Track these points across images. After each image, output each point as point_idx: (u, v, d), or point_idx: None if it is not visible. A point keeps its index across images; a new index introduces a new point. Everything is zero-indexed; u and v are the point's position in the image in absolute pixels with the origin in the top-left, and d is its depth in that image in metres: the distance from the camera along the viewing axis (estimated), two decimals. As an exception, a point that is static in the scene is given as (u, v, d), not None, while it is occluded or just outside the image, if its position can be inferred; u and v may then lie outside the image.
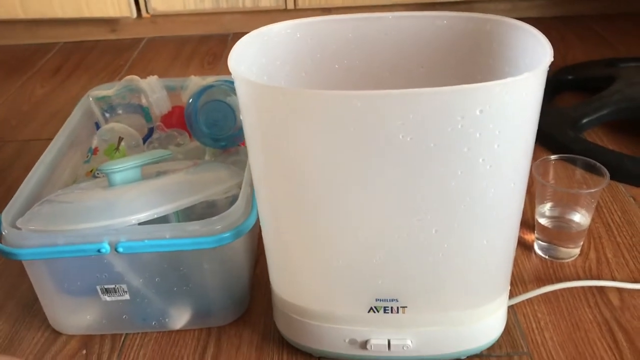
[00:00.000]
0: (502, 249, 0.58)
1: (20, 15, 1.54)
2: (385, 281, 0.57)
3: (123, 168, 0.66)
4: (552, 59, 0.49)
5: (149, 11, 1.57)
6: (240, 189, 0.67)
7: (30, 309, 0.74)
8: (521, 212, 0.58)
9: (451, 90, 0.45)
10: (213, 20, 1.61)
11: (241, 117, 0.53)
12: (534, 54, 0.53)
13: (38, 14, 1.55)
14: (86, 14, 1.55)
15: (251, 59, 0.57)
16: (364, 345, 0.62)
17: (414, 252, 0.55)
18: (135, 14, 1.57)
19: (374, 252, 0.55)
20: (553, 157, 0.78)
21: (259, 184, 0.56)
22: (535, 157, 0.79)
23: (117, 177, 0.66)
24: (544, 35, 0.53)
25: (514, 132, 0.50)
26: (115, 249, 0.61)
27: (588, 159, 0.77)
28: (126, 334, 0.70)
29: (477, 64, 0.62)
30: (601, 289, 0.74)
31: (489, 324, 0.63)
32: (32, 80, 1.44)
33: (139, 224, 0.62)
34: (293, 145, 0.50)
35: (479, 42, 0.61)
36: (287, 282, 0.62)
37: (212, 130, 0.81)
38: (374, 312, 0.59)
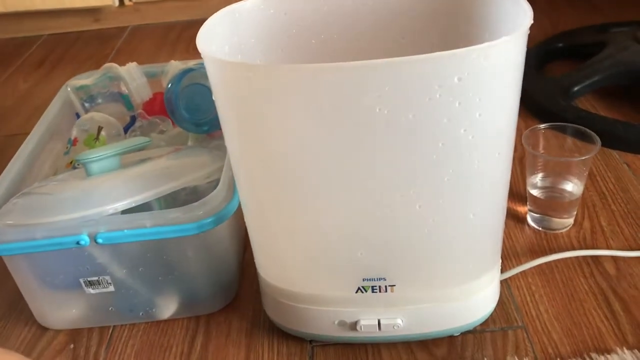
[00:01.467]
0: (490, 221, 0.57)
1: (1, 9, 1.52)
2: (372, 260, 0.55)
3: (100, 157, 0.64)
4: (531, 21, 0.47)
5: (131, -1, 1.55)
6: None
7: (17, 305, 0.73)
8: (508, 183, 0.56)
9: (426, 59, 0.43)
10: (198, 5, 1.58)
11: (213, 98, 0.51)
12: (516, 18, 0.51)
13: (19, 7, 1.52)
14: (68, 4, 1.52)
15: (222, 38, 0.55)
16: (353, 326, 0.60)
17: (398, 228, 0.53)
18: (117, 2, 1.55)
19: (358, 230, 0.54)
20: (542, 126, 0.76)
21: (237, 166, 0.55)
22: (527, 127, 0.78)
23: (95, 167, 0.64)
24: (524, -1, 0.51)
25: (496, 99, 0.48)
26: (94, 240, 0.60)
27: (578, 127, 0.75)
28: (114, 326, 0.69)
29: (459, 32, 0.60)
30: (596, 258, 0.73)
31: (481, 298, 0.62)
32: (15, 74, 1.42)
33: (122, 212, 0.61)
34: (266, 124, 0.49)
35: (459, 9, 0.59)
36: (273, 265, 0.61)
37: (193, 115, 0.79)
38: (362, 292, 0.58)
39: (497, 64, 0.45)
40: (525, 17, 0.48)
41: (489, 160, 0.51)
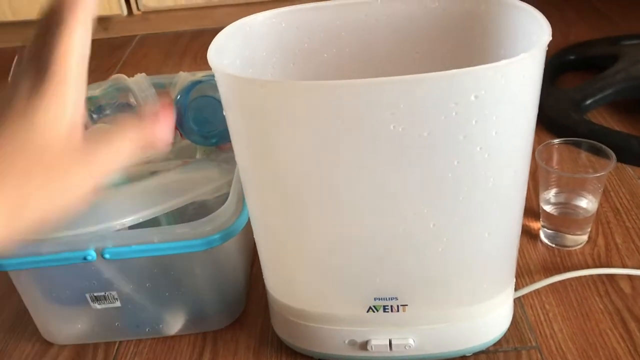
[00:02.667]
0: (505, 240, 0.55)
1: (9, 17, 1.52)
2: (383, 279, 0.54)
3: (107, 171, 0.63)
4: (550, 38, 0.46)
5: (140, 8, 1.54)
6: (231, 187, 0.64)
7: (21, 320, 0.72)
8: (524, 201, 0.55)
9: (442, 76, 0.42)
10: (205, 14, 1.58)
11: (224, 113, 0.50)
12: (532, 33, 0.50)
13: (27, 16, 1.52)
14: (76, 13, 1.52)
15: (234, 51, 0.55)
16: (364, 346, 0.59)
17: (411, 247, 0.52)
18: (126, 11, 1.54)
19: (370, 248, 0.53)
20: (556, 141, 0.75)
21: (247, 183, 0.54)
22: (538, 142, 0.76)
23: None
24: (541, 14, 0.50)
25: (513, 117, 0.47)
26: (101, 255, 0.59)
27: (593, 142, 0.74)
28: (120, 341, 0.68)
29: (474, 47, 0.58)
30: (611, 276, 0.71)
31: (494, 318, 0.60)
32: (23, 83, 1.41)
33: (129, 227, 0.60)
34: (278, 141, 0.48)
35: (474, 24, 0.58)
36: (282, 283, 0.59)
37: (202, 127, 0.78)
38: (373, 311, 0.57)
39: (515, 81, 0.44)
40: (542, 33, 0.47)
41: (505, 178, 0.50)
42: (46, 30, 0.35)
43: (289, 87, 0.45)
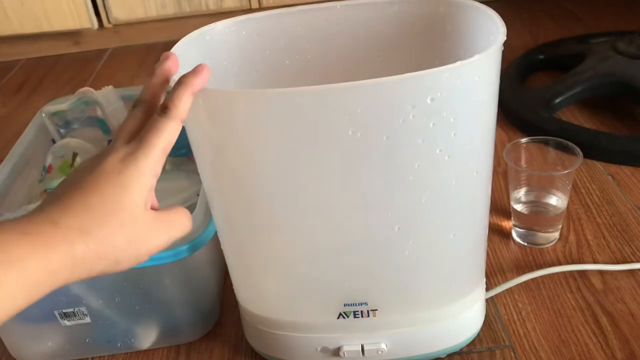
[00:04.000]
0: (472, 241, 0.55)
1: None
2: (352, 284, 0.54)
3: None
4: (504, 38, 0.47)
5: (110, 21, 1.54)
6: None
7: (-9, 339, 0.71)
8: (489, 201, 0.55)
9: (397, 80, 0.42)
10: (177, 25, 1.57)
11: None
12: (490, 34, 0.50)
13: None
14: (46, 28, 1.51)
15: (193, 61, 0.53)
16: (337, 352, 0.59)
17: (377, 251, 0.52)
18: (96, 25, 1.53)
19: (336, 254, 0.52)
20: (524, 140, 0.76)
21: (210, 192, 0.53)
22: (510, 141, 0.77)
23: (67, 196, 0.63)
24: (497, 14, 0.50)
25: (471, 118, 0.47)
26: (68, 271, 0.58)
27: (560, 140, 0.74)
28: (92, 357, 0.67)
29: (434, 50, 0.59)
30: (583, 272, 0.72)
31: (466, 319, 0.60)
32: (-6, 99, 1.40)
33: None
34: (237, 149, 0.47)
35: (434, 27, 0.58)
36: (251, 293, 0.59)
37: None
38: (344, 317, 0.56)
39: (470, 82, 0.45)
40: (498, 33, 0.47)
41: (467, 179, 0.50)
42: (147, 111, 0.43)
43: (243, 96, 0.45)
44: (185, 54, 0.52)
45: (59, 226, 0.36)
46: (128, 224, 0.38)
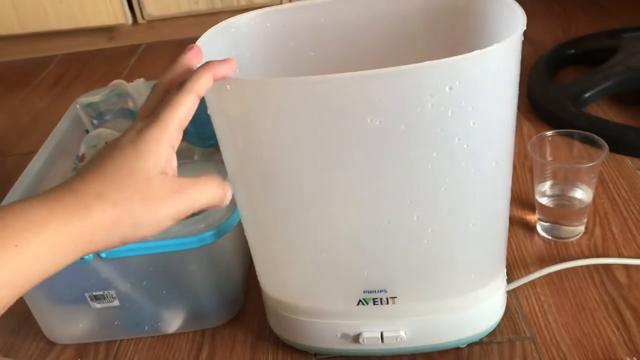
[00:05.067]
0: (491, 230, 0.56)
1: (18, 30, 1.55)
2: (371, 272, 0.55)
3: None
4: (524, 28, 0.47)
5: (144, 16, 1.57)
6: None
7: (27, 320, 0.73)
8: (509, 191, 0.55)
9: (415, 69, 0.43)
10: (209, 20, 1.58)
11: (208, 112, 0.51)
12: (510, 24, 0.51)
13: (35, 28, 1.55)
14: (82, 24, 1.55)
15: (219, 53, 0.56)
16: (356, 339, 0.60)
17: (397, 240, 0.53)
18: (131, 20, 1.57)
19: (356, 242, 0.53)
20: (549, 133, 0.75)
21: (236, 180, 0.55)
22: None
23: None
24: (517, 4, 0.50)
25: (489, 107, 0.47)
26: (98, 254, 0.60)
27: (586, 133, 0.74)
28: (120, 340, 0.70)
29: (457, 40, 0.59)
30: (607, 266, 0.71)
31: (485, 309, 0.61)
32: (32, 93, 1.44)
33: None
34: (261, 138, 0.49)
35: (456, 19, 0.58)
36: (274, 279, 0.60)
37: (199, 128, 0.79)
38: (363, 304, 0.57)
39: (489, 71, 0.45)
40: (518, 23, 0.47)
41: (486, 169, 0.50)
42: (165, 92, 0.44)
43: (265, 85, 0.46)
44: (211, 45, 0.54)
45: (76, 192, 0.38)
46: (143, 186, 0.39)
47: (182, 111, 0.41)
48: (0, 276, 0.34)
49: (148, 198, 0.39)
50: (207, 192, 0.43)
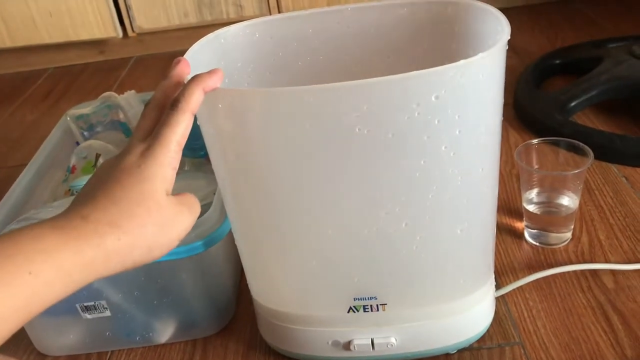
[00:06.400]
0: (479, 237, 0.57)
1: (8, 43, 1.55)
2: (361, 279, 0.56)
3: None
4: (508, 37, 0.48)
5: (134, 30, 1.57)
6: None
7: (16, 333, 0.73)
8: (496, 198, 0.56)
9: (402, 78, 0.44)
10: (199, 33, 1.58)
11: (198, 123, 0.52)
12: (496, 33, 0.52)
13: (25, 41, 1.56)
14: (73, 37, 1.55)
15: (208, 64, 0.56)
16: (347, 346, 0.60)
17: (386, 247, 0.53)
18: (121, 34, 1.57)
19: (345, 249, 0.54)
20: (535, 141, 0.76)
21: (224, 190, 0.55)
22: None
23: (89, 194, 0.65)
24: (502, 14, 0.52)
25: (475, 115, 0.48)
26: (89, 265, 0.60)
27: (571, 140, 0.75)
28: (111, 351, 0.70)
29: (443, 50, 0.60)
30: (594, 272, 0.72)
31: (475, 315, 0.61)
32: (22, 107, 1.45)
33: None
34: (250, 148, 0.49)
35: (442, 27, 0.59)
36: (264, 287, 0.61)
37: (189, 140, 0.79)
38: (354, 311, 0.58)
39: (474, 80, 0.46)
40: (502, 32, 0.48)
41: (473, 176, 0.51)
42: (160, 110, 0.45)
43: (258, 95, 0.47)
44: (200, 56, 0.55)
45: (88, 220, 0.38)
46: (155, 211, 0.40)
47: (180, 131, 0.43)
48: (14, 302, 0.34)
49: (160, 222, 0.40)
50: (195, 206, 0.45)
